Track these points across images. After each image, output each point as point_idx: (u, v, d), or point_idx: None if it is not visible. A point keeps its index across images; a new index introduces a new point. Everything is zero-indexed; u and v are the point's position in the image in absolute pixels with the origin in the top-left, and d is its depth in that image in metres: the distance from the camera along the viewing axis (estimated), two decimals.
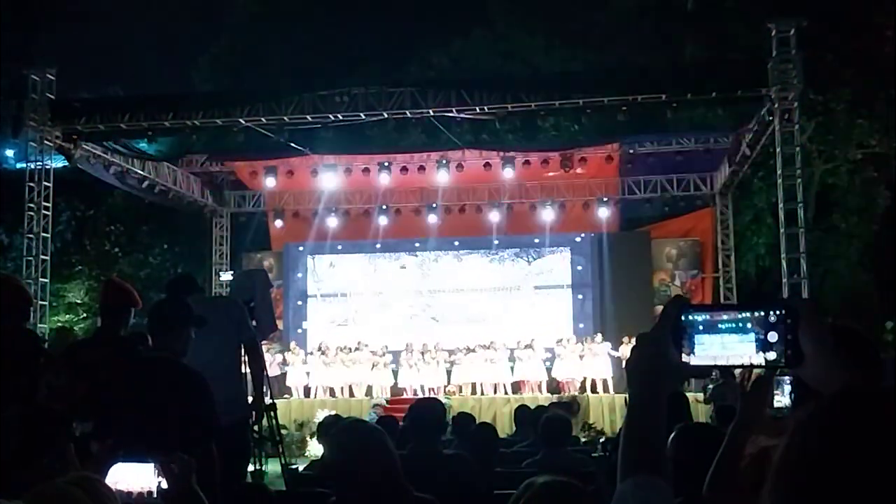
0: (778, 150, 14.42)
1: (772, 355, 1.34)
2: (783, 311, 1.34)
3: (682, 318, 1.38)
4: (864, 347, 2.18)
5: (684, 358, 1.37)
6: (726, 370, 1.42)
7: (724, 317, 1.38)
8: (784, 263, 14.52)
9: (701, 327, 1.37)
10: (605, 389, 17.13)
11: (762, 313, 1.35)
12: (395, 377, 18.12)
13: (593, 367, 17.33)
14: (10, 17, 26.52)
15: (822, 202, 21.38)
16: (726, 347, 1.36)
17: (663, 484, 1.33)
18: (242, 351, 6.38)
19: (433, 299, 20.08)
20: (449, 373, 17.96)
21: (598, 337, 17.78)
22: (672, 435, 2.96)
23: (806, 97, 16.10)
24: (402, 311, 19.97)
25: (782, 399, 1.84)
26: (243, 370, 6.44)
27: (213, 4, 29.96)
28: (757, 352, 1.35)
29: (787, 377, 1.80)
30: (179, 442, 3.84)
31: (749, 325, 1.35)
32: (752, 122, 15.78)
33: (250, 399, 6.54)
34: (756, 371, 1.58)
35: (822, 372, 1.32)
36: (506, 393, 17.48)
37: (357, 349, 18.27)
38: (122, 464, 2.76)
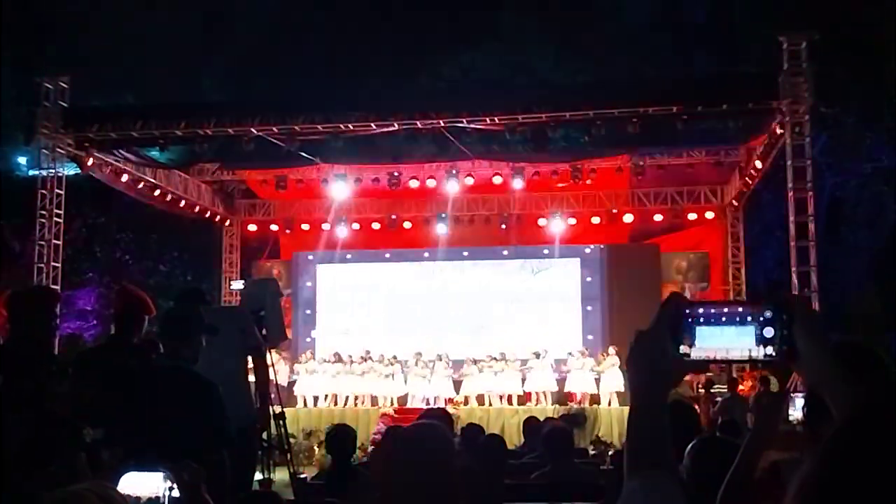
0: (788, 163, 14.40)
1: (768, 350, 1.35)
2: (778, 308, 1.36)
3: (682, 310, 1.39)
4: (874, 363, 2.18)
5: (684, 350, 1.38)
6: (725, 363, 1.42)
7: (724, 310, 1.39)
8: (794, 276, 14.48)
9: (701, 319, 1.38)
10: (618, 402, 17.04)
11: (758, 309, 1.37)
12: (404, 387, 18.10)
13: (606, 381, 17.22)
14: (24, 26, 26.69)
15: (832, 215, 21.34)
16: (726, 340, 1.37)
17: (670, 479, 1.33)
18: (248, 359, 6.39)
19: (442, 310, 20.06)
20: (457, 383, 17.93)
21: (612, 350, 17.69)
22: (689, 448, 2.96)
23: (816, 110, 16.09)
24: (410, 321, 19.96)
25: (794, 413, 1.85)
26: (249, 379, 6.45)
27: (225, 14, 30.11)
28: (756, 345, 1.36)
29: (799, 393, 1.81)
30: (190, 449, 3.85)
31: (748, 320, 1.37)
32: (762, 135, 15.77)
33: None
34: (770, 389, 1.58)
35: (815, 368, 1.33)
36: (511, 403, 17.41)
37: (365, 359, 18.26)
38: (133, 472, 2.76)
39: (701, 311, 1.39)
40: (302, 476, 8.43)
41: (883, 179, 21.39)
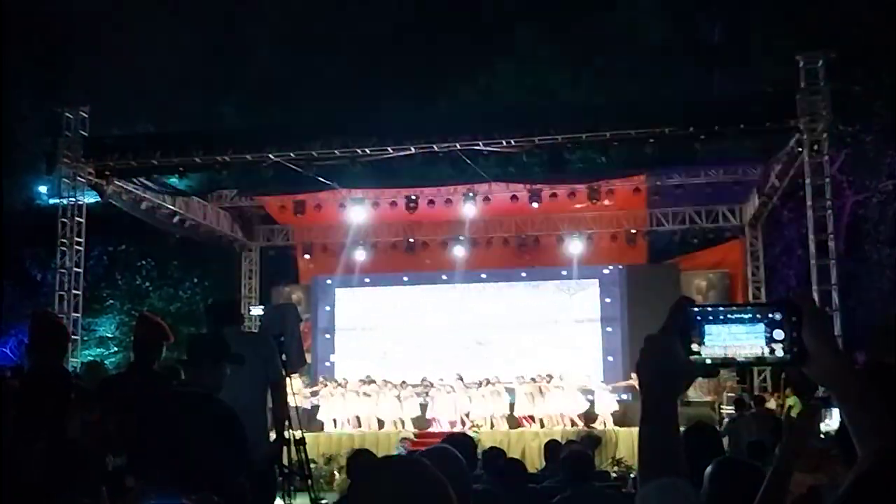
0: (807, 181, 14.33)
1: (778, 352, 1.35)
2: (787, 310, 1.36)
3: (692, 310, 1.39)
4: None
5: (694, 348, 1.37)
6: (735, 365, 1.41)
7: (732, 310, 1.39)
8: (816, 295, 14.36)
9: (710, 318, 1.38)
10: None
11: (767, 311, 1.37)
12: (423, 410, 18.04)
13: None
14: (45, 57, 27.05)
15: (854, 233, 21.18)
16: (736, 339, 1.37)
17: (684, 484, 1.31)
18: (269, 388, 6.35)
19: (460, 332, 20.02)
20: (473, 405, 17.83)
21: (634, 375, 17.58)
22: (708, 470, 2.92)
23: (835, 128, 16.01)
24: (429, 344, 19.93)
25: (830, 424, 1.83)
26: (269, 407, 6.41)
27: (242, 41, 30.37)
28: (766, 345, 1.36)
29: (834, 407, 1.79)
30: (210, 479, 3.84)
31: (757, 318, 1.37)
32: (781, 154, 15.70)
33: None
34: (797, 408, 1.56)
35: (825, 368, 1.32)
36: (534, 425, 17.30)
37: (384, 382, 18.22)
38: None
39: (710, 309, 1.39)
40: (323, 502, 8.40)
41: None
